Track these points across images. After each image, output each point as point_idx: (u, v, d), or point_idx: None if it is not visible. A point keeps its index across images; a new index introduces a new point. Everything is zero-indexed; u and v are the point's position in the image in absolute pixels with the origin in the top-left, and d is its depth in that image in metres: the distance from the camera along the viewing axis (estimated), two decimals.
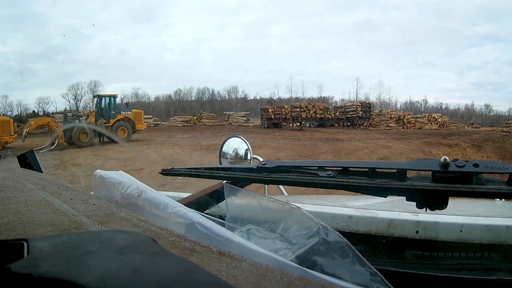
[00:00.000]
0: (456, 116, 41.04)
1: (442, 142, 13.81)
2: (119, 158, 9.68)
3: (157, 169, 1.14)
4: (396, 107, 41.83)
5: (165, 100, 43.57)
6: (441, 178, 0.53)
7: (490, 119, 42.06)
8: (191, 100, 44.06)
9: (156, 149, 11.54)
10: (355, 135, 17.82)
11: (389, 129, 24.97)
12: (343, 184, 0.59)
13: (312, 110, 24.41)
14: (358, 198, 1.14)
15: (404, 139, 14.93)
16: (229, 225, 0.58)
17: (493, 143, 13.94)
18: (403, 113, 29.36)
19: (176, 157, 9.79)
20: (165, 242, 0.34)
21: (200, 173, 0.75)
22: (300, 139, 14.93)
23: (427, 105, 45.15)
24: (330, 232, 0.46)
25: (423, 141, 14.00)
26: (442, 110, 42.51)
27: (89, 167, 8.18)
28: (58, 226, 0.39)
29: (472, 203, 1.02)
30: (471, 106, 45.14)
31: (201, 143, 13.00)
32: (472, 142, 13.84)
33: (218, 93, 45.29)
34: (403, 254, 0.69)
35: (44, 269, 0.21)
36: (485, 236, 0.66)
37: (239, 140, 1.23)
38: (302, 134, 17.84)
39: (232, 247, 0.41)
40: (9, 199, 0.52)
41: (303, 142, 13.53)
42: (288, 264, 0.38)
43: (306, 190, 1.91)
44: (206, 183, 0.82)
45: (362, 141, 14.11)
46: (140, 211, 0.53)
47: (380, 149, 11.70)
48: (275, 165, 0.66)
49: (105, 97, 15.87)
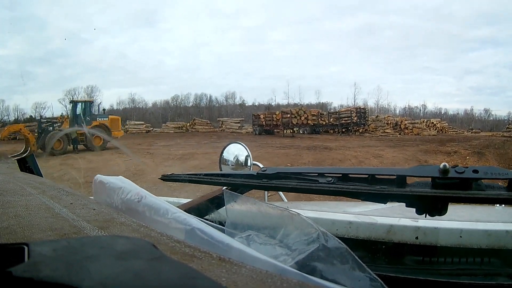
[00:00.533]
0: (455, 122, 40.81)
1: (440, 150, 13.32)
2: (85, 167, 9.40)
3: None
4: (395, 112, 41.59)
5: (162, 105, 43.46)
6: (441, 185, 0.53)
7: (489, 124, 41.82)
8: (189, 106, 43.90)
9: (126, 158, 10.86)
10: (348, 142, 17.25)
11: (385, 135, 24.21)
12: (343, 190, 0.59)
13: (303, 116, 23.61)
14: (358, 204, 1.14)
15: (399, 147, 14.45)
16: (229, 231, 0.58)
17: (495, 150, 13.50)
18: (400, 119, 28.62)
19: (142, 167, 9.17)
20: (165, 248, 0.34)
21: (200, 179, 0.75)
22: (286, 147, 14.35)
23: (426, 110, 45.03)
24: (330, 238, 0.46)
25: (420, 149, 13.50)
26: (441, 115, 42.27)
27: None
28: (58, 230, 0.39)
29: (472, 208, 1.02)
30: (471, 111, 44.96)
31: (177, 152, 12.64)
32: (473, 149, 13.33)
33: (215, 99, 45.20)
34: (403, 259, 0.69)
35: (45, 274, 0.21)
36: (484, 241, 0.66)
37: (240, 146, 1.24)
38: (291, 142, 17.12)
39: (232, 253, 0.41)
40: (9, 203, 0.52)
41: (288, 151, 12.82)
42: (288, 270, 0.38)
43: (305, 197, 1.90)
44: (206, 189, 0.82)
45: (352, 149, 13.49)
46: (140, 216, 0.53)
47: (370, 158, 11.01)
48: (275, 172, 0.66)
49: (80, 102, 15.44)
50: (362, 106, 28.23)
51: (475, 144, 15.57)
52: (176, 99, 43.98)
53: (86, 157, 11.33)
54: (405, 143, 16.35)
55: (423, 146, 14.59)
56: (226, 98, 45.14)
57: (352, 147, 14.37)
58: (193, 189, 1.25)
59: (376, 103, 43.28)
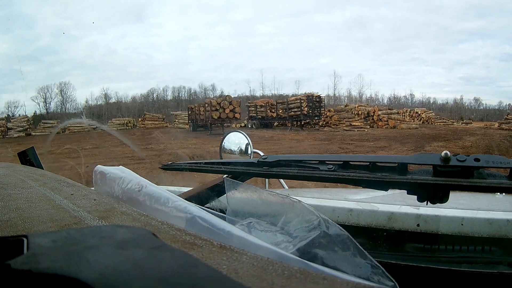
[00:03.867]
0: (444, 111, 39.71)
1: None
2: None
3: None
4: (382, 102, 40.45)
5: (141, 100, 41.88)
6: (442, 172, 0.53)
7: (480, 113, 41.16)
8: (168, 100, 42.70)
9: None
10: (275, 143, 12.97)
11: (350, 129, 19.07)
12: (344, 177, 0.59)
13: (228, 109, 18.56)
14: (359, 191, 1.14)
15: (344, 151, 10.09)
16: (230, 219, 0.58)
17: (502, 155, 9.87)
18: (373, 108, 22.91)
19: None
20: (166, 236, 0.34)
21: (201, 167, 0.75)
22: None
23: (414, 100, 43.78)
24: (331, 225, 0.46)
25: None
26: (430, 105, 40.81)
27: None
28: (59, 222, 0.39)
29: (473, 196, 1.02)
30: (460, 100, 43.91)
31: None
32: (468, 154, 10.06)
33: (194, 92, 43.76)
34: (404, 247, 0.69)
35: (44, 265, 0.21)
36: (485, 229, 0.67)
37: (240, 134, 1.23)
38: (203, 142, 12.94)
39: (233, 240, 0.41)
40: (10, 196, 0.52)
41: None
42: (289, 257, 0.38)
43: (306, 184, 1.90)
44: (206, 177, 0.82)
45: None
46: (140, 206, 0.53)
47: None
48: (276, 159, 0.66)
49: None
50: (317, 93, 21.33)
51: (470, 143, 11.79)
52: (153, 92, 42.64)
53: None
54: (360, 145, 11.90)
55: (385, 151, 10.24)
56: (205, 90, 43.87)
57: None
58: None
59: (359, 92, 41.76)
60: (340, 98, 41.38)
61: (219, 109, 18.62)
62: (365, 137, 14.94)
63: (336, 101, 34.78)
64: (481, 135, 14.80)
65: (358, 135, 15.92)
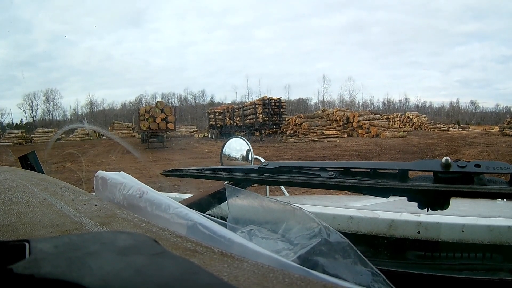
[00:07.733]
0: (440, 115, 39.20)
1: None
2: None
3: None
4: (378, 107, 39.78)
5: (130, 107, 40.43)
6: (443, 179, 0.53)
7: (476, 116, 40.72)
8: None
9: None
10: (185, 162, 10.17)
11: (319, 139, 15.92)
12: (345, 184, 0.59)
13: (159, 117, 15.86)
14: (360, 198, 1.14)
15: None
16: (231, 226, 0.58)
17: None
18: (352, 114, 20.28)
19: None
20: (167, 243, 0.34)
21: (202, 174, 0.75)
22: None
23: (410, 104, 43.10)
24: (332, 233, 0.46)
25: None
26: (426, 109, 40.17)
27: None
28: (60, 227, 0.39)
29: (474, 203, 1.02)
30: (456, 103, 43.20)
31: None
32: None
33: (184, 99, 43.06)
34: (405, 254, 0.69)
35: (46, 270, 0.21)
36: (486, 236, 0.66)
37: (241, 141, 1.24)
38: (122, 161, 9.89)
39: (234, 247, 0.41)
40: (11, 200, 0.52)
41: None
42: (290, 265, 0.38)
43: (307, 191, 1.89)
44: (207, 184, 0.82)
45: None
46: (141, 212, 0.53)
47: None
48: (277, 166, 0.66)
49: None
50: (277, 97, 18.40)
51: (472, 159, 8.07)
52: (141, 99, 41.52)
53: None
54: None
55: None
56: (195, 97, 43.16)
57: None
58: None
59: (350, 97, 40.88)
60: (335, 103, 40.86)
61: (148, 118, 16.06)
62: (324, 152, 12.22)
63: (326, 106, 32.92)
64: (483, 145, 11.99)
65: (320, 148, 13.21)
